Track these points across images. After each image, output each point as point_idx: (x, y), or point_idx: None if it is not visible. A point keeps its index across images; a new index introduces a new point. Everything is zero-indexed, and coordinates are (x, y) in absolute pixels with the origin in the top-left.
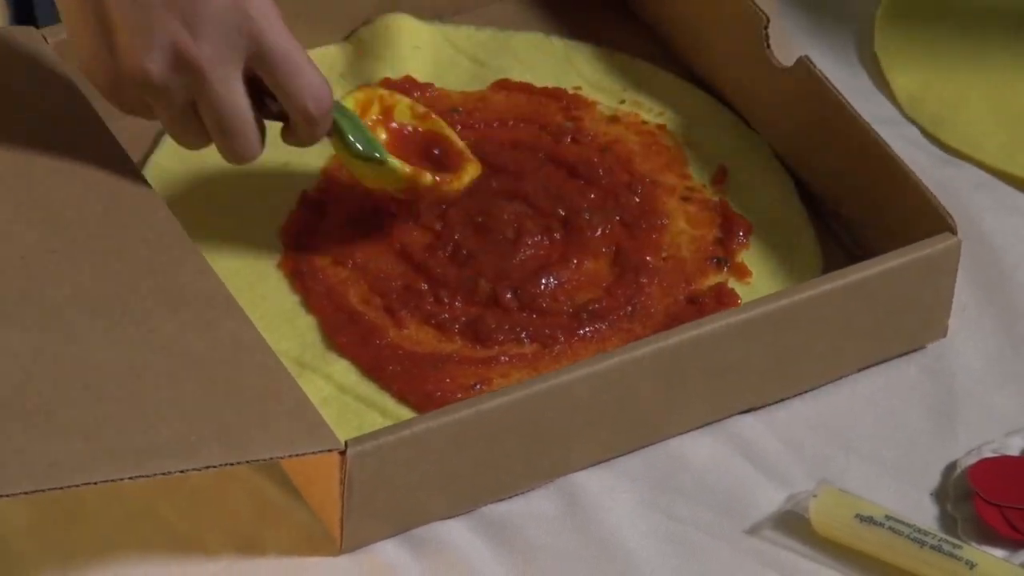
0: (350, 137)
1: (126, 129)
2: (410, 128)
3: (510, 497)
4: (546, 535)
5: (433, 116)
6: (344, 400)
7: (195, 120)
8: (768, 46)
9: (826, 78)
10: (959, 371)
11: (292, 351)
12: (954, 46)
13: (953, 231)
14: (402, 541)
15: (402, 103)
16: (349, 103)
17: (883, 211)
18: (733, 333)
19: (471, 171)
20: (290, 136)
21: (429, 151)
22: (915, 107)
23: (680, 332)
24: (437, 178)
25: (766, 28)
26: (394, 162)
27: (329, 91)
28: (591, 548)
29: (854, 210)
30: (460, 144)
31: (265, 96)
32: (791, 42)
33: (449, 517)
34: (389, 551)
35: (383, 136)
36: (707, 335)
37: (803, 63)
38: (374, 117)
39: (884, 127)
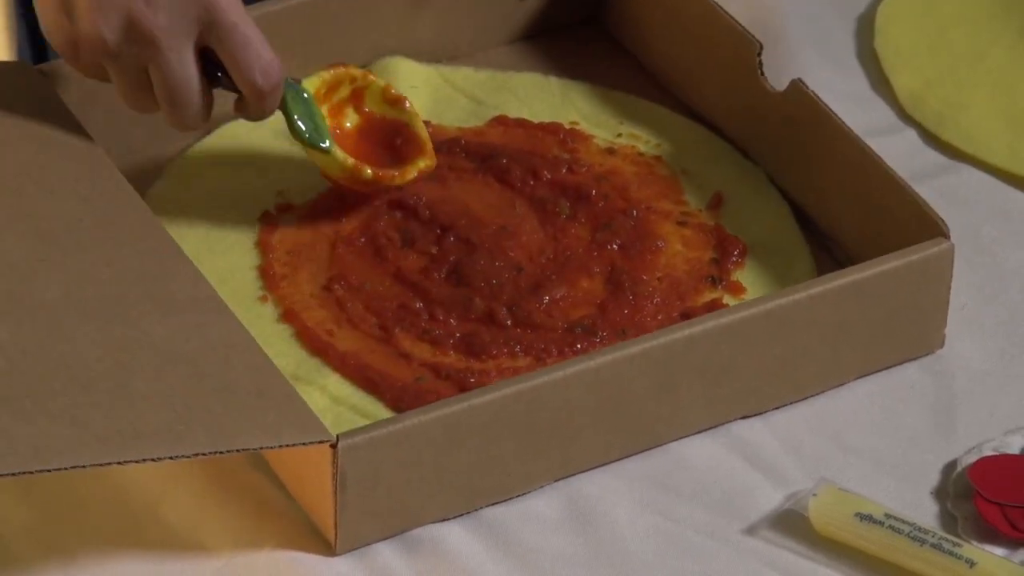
0: (296, 120)
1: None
2: (378, 115)
3: (508, 500)
4: (544, 537)
5: (406, 105)
6: (339, 411)
7: (147, 86)
8: (762, 73)
9: (819, 98)
10: (959, 370)
11: (288, 367)
12: (956, 44)
13: (946, 236)
14: (399, 542)
15: (375, 86)
16: (314, 83)
17: (880, 229)
18: (725, 333)
19: (421, 164)
20: (242, 110)
21: (392, 139)
22: (916, 106)
23: (672, 331)
24: (380, 172)
25: (759, 55)
26: (337, 152)
27: (278, 66)
28: (590, 550)
29: (850, 229)
30: (423, 136)
31: (219, 69)
32: (790, 44)
33: (447, 519)
34: (386, 552)
35: (353, 117)
36: (699, 334)
37: (796, 85)
38: (344, 95)
39: (882, 132)
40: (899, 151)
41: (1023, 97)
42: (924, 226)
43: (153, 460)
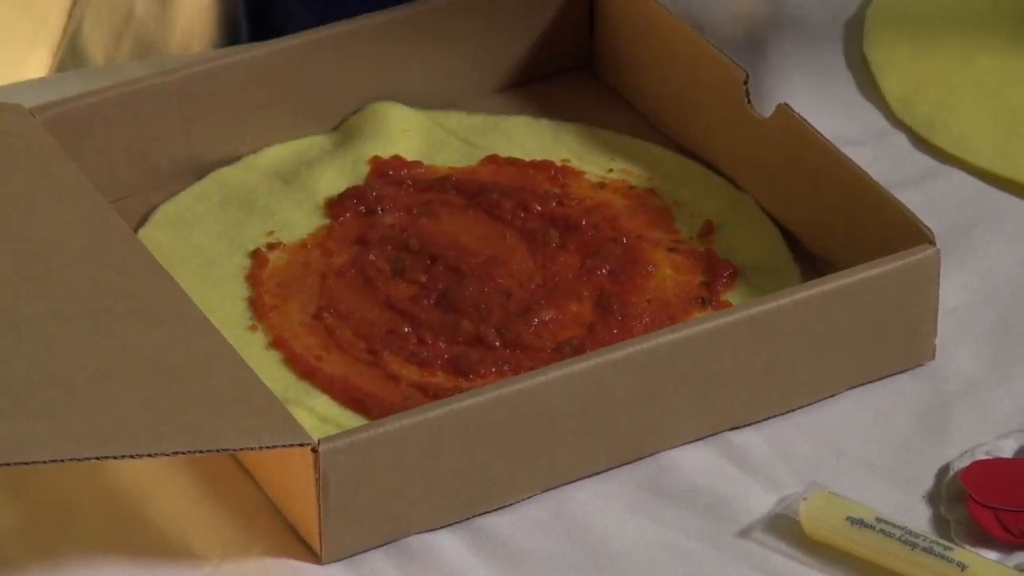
0: None
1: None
2: None
3: (498, 509)
4: (534, 541)
5: None
6: (326, 429)
7: None
8: (749, 102)
9: (805, 120)
10: (951, 373)
11: (276, 390)
12: (945, 47)
13: (932, 242)
14: (389, 551)
15: None
16: None
17: (871, 247)
18: (710, 338)
19: None
20: None
21: None
22: (906, 110)
23: (656, 336)
24: None
25: (746, 83)
26: None
27: None
28: (581, 555)
29: (841, 250)
30: None
31: None
32: (778, 54)
33: (436, 528)
34: (376, 560)
35: None
36: (683, 339)
37: (783, 109)
38: None
39: (872, 136)
40: (889, 155)
41: (1013, 100)
42: (911, 235)
43: (131, 456)
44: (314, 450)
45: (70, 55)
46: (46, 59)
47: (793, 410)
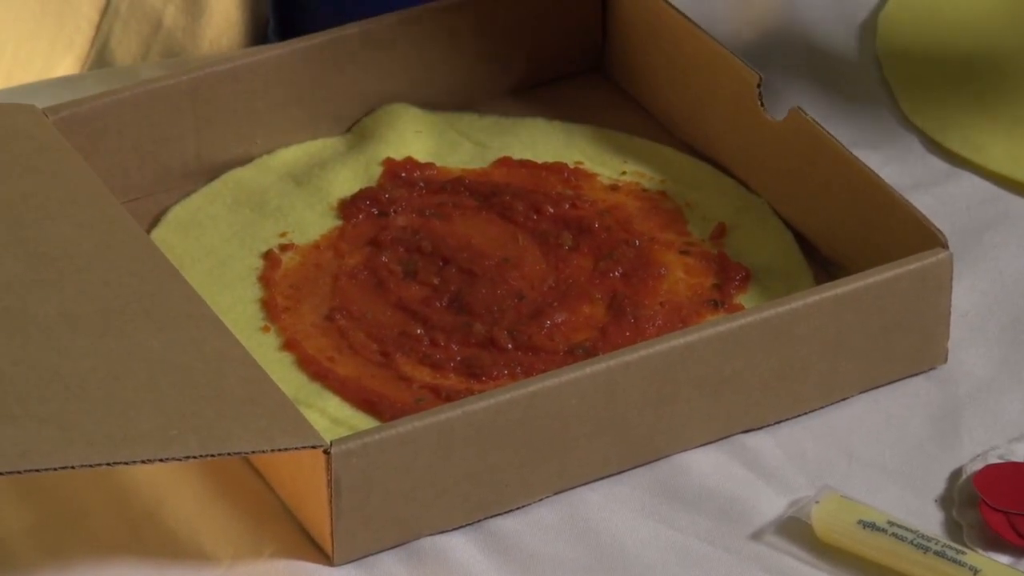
0: None
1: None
2: None
3: (510, 511)
4: (547, 545)
5: None
6: (338, 431)
7: None
8: (762, 104)
9: (818, 123)
10: (963, 377)
11: (288, 392)
12: (958, 50)
13: (944, 246)
14: (400, 552)
15: None
16: None
17: (883, 250)
18: (722, 341)
19: None
20: None
21: None
22: (919, 113)
23: (669, 339)
24: None
25: (759, 86)
26: None
27: None
28: (593, 558)
29: (853, 253)
30: None
31: None
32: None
33: (448, 530)
34: (387, 562)
35: None
36: (696, 342)
37: (795, 112)
38: None
39: (884, 139)
40: (901, 158)
41: None
42: (923, 238)
43: (143, 462)
44: (326, 452)
45: (98, 65)
46: (75, 69)
47: (805, 413)
